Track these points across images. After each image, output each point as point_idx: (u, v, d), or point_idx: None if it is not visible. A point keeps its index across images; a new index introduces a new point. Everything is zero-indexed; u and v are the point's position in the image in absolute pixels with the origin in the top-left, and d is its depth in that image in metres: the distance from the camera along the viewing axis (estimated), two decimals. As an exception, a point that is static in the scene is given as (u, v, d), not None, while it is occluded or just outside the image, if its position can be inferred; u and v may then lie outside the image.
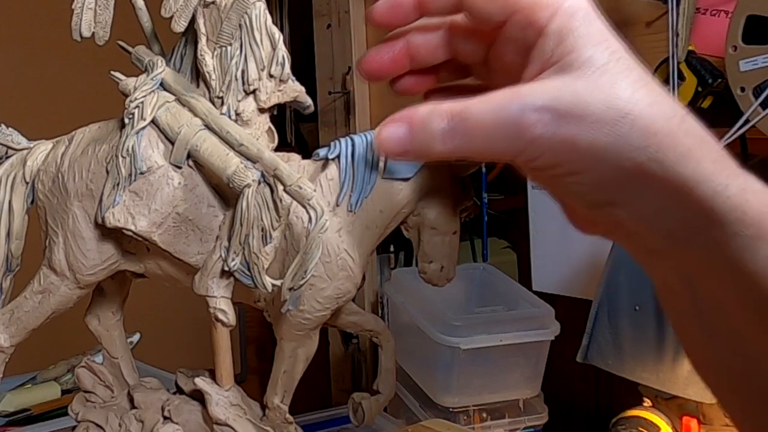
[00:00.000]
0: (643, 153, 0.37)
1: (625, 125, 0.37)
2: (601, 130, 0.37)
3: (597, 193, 0.39)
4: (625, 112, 0.37)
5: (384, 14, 0.45)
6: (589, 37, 0.39)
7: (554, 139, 0.38)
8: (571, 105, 0.38)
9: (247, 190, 0.52)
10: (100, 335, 0.69)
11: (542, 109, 0.38)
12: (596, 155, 0.38)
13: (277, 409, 0.61)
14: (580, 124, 0.38)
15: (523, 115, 0.38)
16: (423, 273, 0.58)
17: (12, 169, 0.62)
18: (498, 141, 0.39)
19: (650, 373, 1.16)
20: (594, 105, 0.38)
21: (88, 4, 0.57)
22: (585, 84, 0.38)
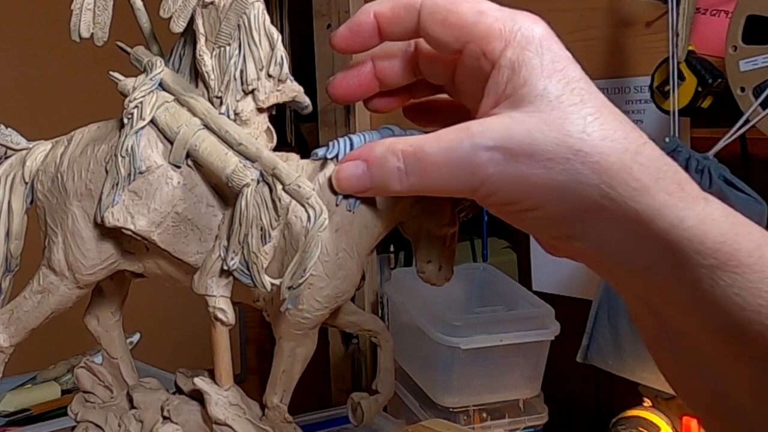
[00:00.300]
0: (595, 190, 0.37)
1: (576, 163, 0.37)
2: (552, 168, 0.37)
3: (555, 227, 0.39)
4: (576, 149, 0.37)
5: (344, 39, 0.45)
6: (542, 68, 0.39)
7: (507, 178, 0.38)
8: (522, 144, 0.38)
9: (246, 190, 0.52)
10: (100, 335, 0.69)
11: (493, 148, 0.38)
12: (550, 192, 0.38)
13: (277, 409, 0.61)
14: (532, 162, 0.38)
15: (475, 155, 0.38)
16: (421, 273, 0.58)
17: (11, 169, 0.62)
18: (452, 179, 0.39)
19: (650, 373, 1.17)
20: (545, 143, 0.37)
21: (87, 5, 0.57)
22: (536, 121, 0.38)
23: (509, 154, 0.38)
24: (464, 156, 0.38)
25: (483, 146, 0.38)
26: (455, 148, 0.39)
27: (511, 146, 0.38)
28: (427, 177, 0.40)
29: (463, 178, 0.39)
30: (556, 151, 0.37)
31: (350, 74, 0.48)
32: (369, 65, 0.48)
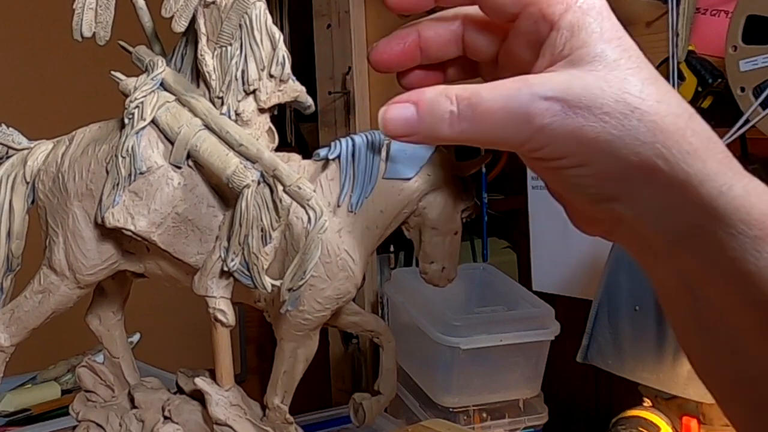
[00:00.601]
0: (649, 148, 0.37)
1: (633, 119, 0.37)
2: (609, 122, 0.37)
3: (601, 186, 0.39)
4: (634, 106, 0.37)
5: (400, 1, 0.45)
6: (602, 33, 0.39)
7: (562, 130, 0.38)
8: (580, 96, 0.38)
9: (247, 191, 0.52)
10: (101, 335, 0.69)
11: (552, 98, 0.38)
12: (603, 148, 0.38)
13: (278, 410, 0.61)
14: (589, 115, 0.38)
15: (533, 104, 0.38)
16: (424, 273, 0.58)
17: (12, 169, 0.62)
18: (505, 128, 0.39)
19: (650, 373, 1.17)
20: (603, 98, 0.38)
21: (89, 4, 0.57)
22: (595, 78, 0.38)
23: (567, 105, 0.38)
24: (521, 103, 0.38)
25: (541, 95, 0.38)
26: (513, 96, 0.39)
27: (570, 98, 0.38)
28: (480, 123, 0.40)
29: (516, 126, 0.39)
30: (614, 106, 0.37)
31: (394, 41, 0.48)
32: (414, 34, 0.47)
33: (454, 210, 0.56)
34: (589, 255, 1.41)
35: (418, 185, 0.57)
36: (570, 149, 0.39)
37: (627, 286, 1.20)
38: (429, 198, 0.57)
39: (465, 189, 0.58)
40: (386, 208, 0.56)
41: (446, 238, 0.57)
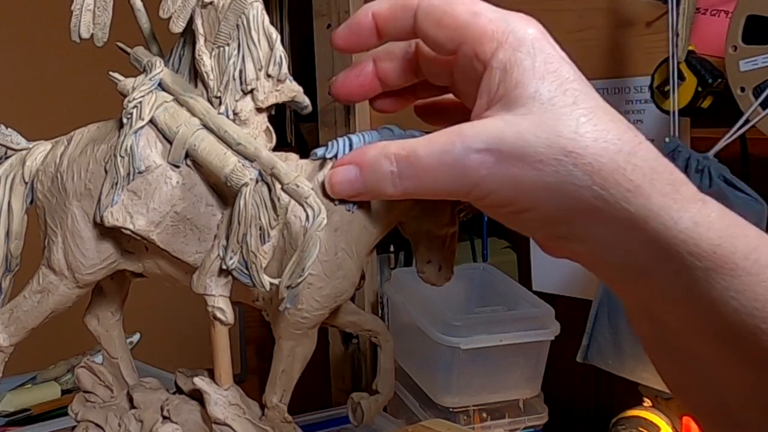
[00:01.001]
0: (587, 191, 0.37)
1: (568, 164, 0.37)
2: (543, 170, 0.37)
3: (549, 228, 0.39)
4: (567, 150, 0.37)
5: (344, 38, 0.46)
6: (534, 70, 0.39)
7: (499, 180, 0.38)
8: (513, 146, 0.38)
9: (245, 189, 0.52)
10: (100, 335, 0.69)
11: (484, 151, 0.38)
12: (542, 194, 0.38)
13: (276, 409, 0.61)
14: (523, 164, 0.37)
15: (467, 157, 0.38)
16: (421, 273, 0.58)
17: (11, 169, 0.62)
18: (445, 182, 0.39)
19: (650, 373, 1.17)
20: (536, 145, 0.37)
21: (87, 6, 0.57)
22: (528, 123, 0.38)
23: (500, 157, 0.38)
24: (456, 159, 0.38)
25: (474, 149, 0.38)
26: (447, 151, 0.39)
27: (503, 148, 0.38)
28: (420, 180, 0.40)
29: (455, 180, 0.39)
30: (547, 153, 0.37)
31: (352, 74, 0.48)
32: (370, 65, 0.48)
33: (450, 209, 0.56)
34: (589, 255, 1.41)
35: (416, 184, 0.57)
36: (511, 197, 0.39)
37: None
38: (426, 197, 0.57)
39: (462, 188, 0.58)
40: (383, 207, 0.56)
41: (443, 238, 0.57)
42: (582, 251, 0.39)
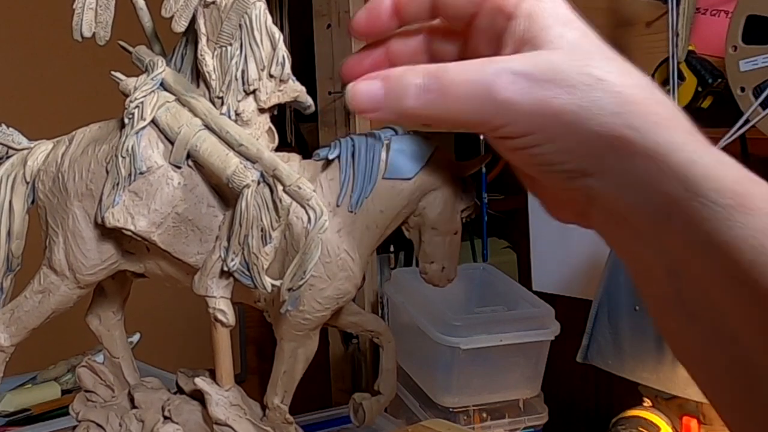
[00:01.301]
0: (617, 118, 0.37)
1: (598, 91, 0.38)
2: (575, 94, 0.38)
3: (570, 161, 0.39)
4: (598, 78, 0.38)
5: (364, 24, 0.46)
6: (558, 17, 0.40)
7: (526, 103, 0.38)
8: (544, 70, 0.38)
9: (247, 191, 0.52)
10: (101, 335, 0.69)
11: (516, 73, 0.38)
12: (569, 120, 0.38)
13: (277, 410, 0.61)
14: (554, 88, 0.38)
15: (498, 77, 0.38)
16: (424, 273, 0.58)
17: (12, 169, 0.62)
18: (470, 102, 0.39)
19: (650, 373, 1.17)
20: (568, 71, 0.38)
21: (89, 4, 0.57)
22: (559, 55, 0.39)
23: (532, 79, 0.38)
24: (486, 76, 0.39)
25: (508, 69, 0.38)
26: (479, 69, 0.39)
27: (534, 73, 0.38)
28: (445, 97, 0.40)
29: (481, 101, 0.39)
30: (579, 78, 0.38)
31: (362, 58, 0.48)
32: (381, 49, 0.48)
33: (453, 210, 0.56)
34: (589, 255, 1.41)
35: (418, 185, 0.57)
36: (536, 124, 0.39)
37: (627, 286, 1.20)
38: (429, 198, 0.57)
39: (465, 189, 0.58)
40: (386, 208, 0.55)
41: (446, 238, 0.57)
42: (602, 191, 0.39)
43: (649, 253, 0.40)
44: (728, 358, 0.39)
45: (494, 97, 0.38)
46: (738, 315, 0.38)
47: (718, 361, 0.40)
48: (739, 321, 0.38)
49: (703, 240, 0.37)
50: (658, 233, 0.39)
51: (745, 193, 0.37)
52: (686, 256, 0.38)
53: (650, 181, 0.38)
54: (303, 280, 0.51)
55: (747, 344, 0.38)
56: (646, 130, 0.37)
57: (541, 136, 0.39)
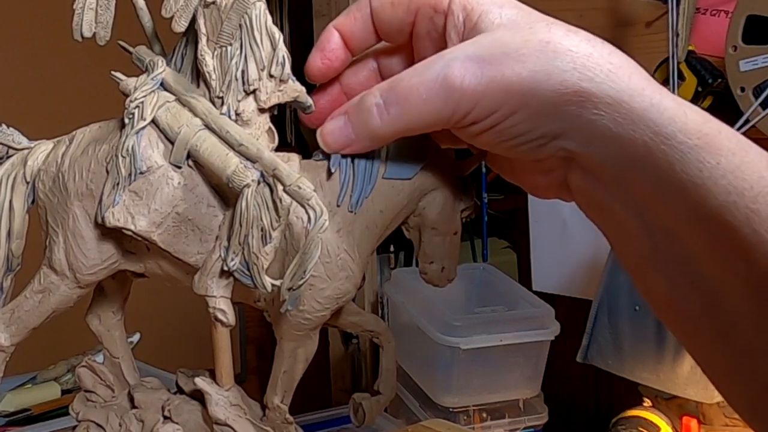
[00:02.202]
0: (572, 74, 0.38)
1: (548, 53, 0.38)
2: (527, 61, 0.38)
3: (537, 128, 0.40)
4: (545, 41, 0.38)
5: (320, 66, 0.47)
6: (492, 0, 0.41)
7: (483, 84, 0.39)
8: (491, 49, 0.39)
9: (247, 190, 0.52)
10: (101, 335, 0.69)
11: (465, 59, 0.39)
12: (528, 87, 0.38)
13: (277, 409, 0.61)
14: (505, 61, 0.38)
15: (449, 70, 0.39)
16: (424, 273, 0.58)
17: (13, 168, 0.62)
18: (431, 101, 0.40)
19: (650, 373, 1.17)
20: (514, 43, 0.39)
21: (90, 5, 0.57)
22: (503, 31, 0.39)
23: (482, 61, 0.39)
24: (439, 72, 0.39)
25: (456, 59, 0.39)
26: (429, 68, 0.40)
27: (482, 54, 0.39)
28: (406, 103, 0.41)
29: (441, 96, 0.40)
30: (526, 47, 0.39)
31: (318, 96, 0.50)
32: (335, 85, 0.49)
33: (453, 210, 0.56)
34: (589, 255, 1.42)
35: (418, 185, 0.57)
36: (498, 100, 0.39)
37: (627, 286, 1.20)
38: (428, 198, 0.57)
39: (465, 189, 0.58)
40: (386, 208, 0.55)
41: (446, 238, 0.57)
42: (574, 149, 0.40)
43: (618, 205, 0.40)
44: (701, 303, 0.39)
45: (451, 87, 0.39)
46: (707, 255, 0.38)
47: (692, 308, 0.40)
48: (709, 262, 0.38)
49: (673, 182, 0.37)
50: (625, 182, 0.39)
51: (711, 133, 0.37)
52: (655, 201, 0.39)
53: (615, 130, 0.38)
54: (303, 279, 0.51)
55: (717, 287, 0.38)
56: (602, 79, 0.38)
57: (506, 109, 0.39)
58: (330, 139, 0.45)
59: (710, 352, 0.41)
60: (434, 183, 0.58)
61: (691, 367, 1.10)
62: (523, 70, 0.38)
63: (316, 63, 0.47)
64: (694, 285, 0.39)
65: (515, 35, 0.39)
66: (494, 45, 0.39)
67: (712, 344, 0.40)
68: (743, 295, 0.37)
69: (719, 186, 0.36)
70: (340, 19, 0.46)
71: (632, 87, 0.37)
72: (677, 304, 0.40)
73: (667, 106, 0.37)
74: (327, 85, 0.49)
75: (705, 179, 0.36)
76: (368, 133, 0.43)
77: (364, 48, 0.47)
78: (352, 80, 0.48)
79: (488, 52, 0.39)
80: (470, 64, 0.39)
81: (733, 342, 0.38)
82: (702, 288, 0.38)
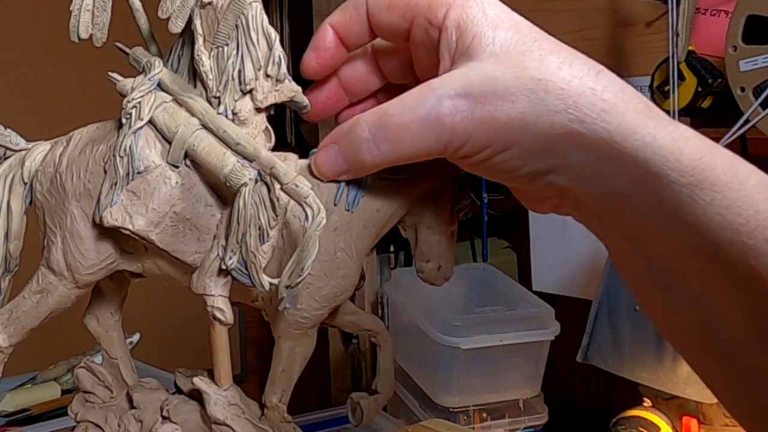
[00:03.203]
0: (563, 115, 0.37)
1: (539, 91, 0.38)
2: (516, 102, 0.38)
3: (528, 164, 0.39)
4: (536, 79, 0.38)
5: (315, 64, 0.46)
6: (488, 20, 0.40)
7: (474, 123, 0.38)
8: (482, 86, 0.38)
9: (244, 189, 0.52)
10: (99, 336, 0.69)
11: (456, 96, 0.38)
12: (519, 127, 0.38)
13: (276, 409, 0.61)
14: (496, 100, 0.38)
15: (440, 107, 0.39)
16: (420, 272, 0.58)
17: (10, 169, 0.62)
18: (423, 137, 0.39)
19: (650, 373, 1.17)
20: (505, 80, 0.38)
21: (86, 6, 0.57)
22: (493, 63, 0.39)
23: (472, 99, 0.38)
24: (430, 110, 0.39)
25: (446, 96, 0.39)
26: (420, 104, 0.39)
27: (473, 91, 0.38)
28: (396, 142, 0.40)
29: (431, 134, 0.39)
30: (517, 85, 0.38)
31: (317, 91, 0.49)
32: (333, 79, 0.49)
33: (450, 208, 0.56)
34: (589, 255, 1.42)
35: (414, 184, 0.57)
36: (489, 138, 0.39)
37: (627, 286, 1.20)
38: (425, 196, 0.57)
39: (461, 187, 0.58)
40: (383, 206, 0.56)
41: (442, 237, 0.57)
42: (567, 185, 0.39)
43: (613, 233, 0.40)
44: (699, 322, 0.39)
45: (442, 126, 0.39)
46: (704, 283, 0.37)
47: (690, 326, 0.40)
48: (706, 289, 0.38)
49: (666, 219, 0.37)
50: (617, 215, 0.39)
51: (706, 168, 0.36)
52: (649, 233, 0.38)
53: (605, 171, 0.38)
54: (301, 277, 0.51)
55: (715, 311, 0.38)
56: (593, 120, 0.37)
57: (496, 147, 0.39)
58: (324, 169, 0.45)
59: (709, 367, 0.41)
60: (430, 181, 0.58)
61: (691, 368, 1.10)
62: (513, 111, 0.37)
63: (311, 60, 0.47)
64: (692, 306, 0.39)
65: (506, 71, 0.38)
66: (484, 82, 0.38)
67: (711, 360, 0.40)
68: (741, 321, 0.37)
69: (714, 223, 0.35)
70: (336, 16, 0.46)
71: (624, 126, 0.37)
72: (675, 320, 0.40)
73: (660, 143, 0.36)
74: (325, 80, 0.49)
75: (699, 216, 0.35)
76: (359, 167, 0.43)
77: (359, 45, 0.47)
78: (350, 75, 0.48)
79: (478, 89, 0.38)
80: (460, 102, 0.38)
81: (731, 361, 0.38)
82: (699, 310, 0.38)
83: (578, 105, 0.37)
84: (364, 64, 0.48)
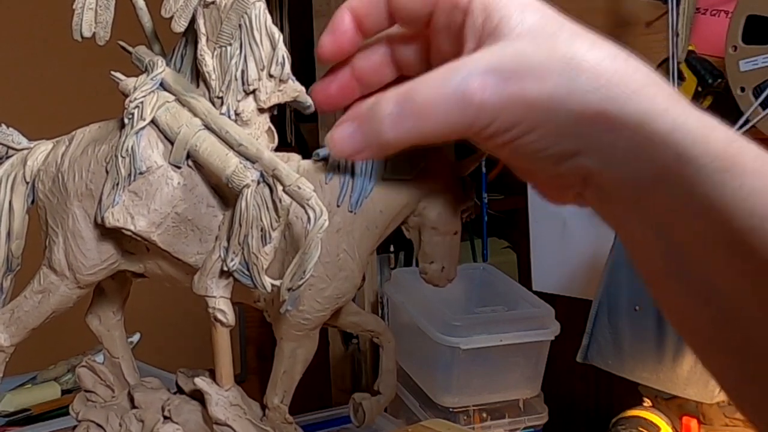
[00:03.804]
0: (594, 94, 0.37)
1: (570, 71, 0.37)
2: (548, 79, 0.37)
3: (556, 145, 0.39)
4: (568, 58, 0.37)
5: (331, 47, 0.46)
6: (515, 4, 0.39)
7: (503, 100, 0.38)
8: (513, 63, 0.38)
9: (246, 190, 0.52)
10: (101, 335, 0.69)
11: (485, 72, 0.38)
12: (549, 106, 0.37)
13: (277, 409, 0.61)
14: (526, 78, 0.37)
15: (468, 83, 0.38)
16: (424, 273, 0.58)
17: (12, 169, 0.62)
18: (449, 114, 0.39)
19: (650, 373, 1.17)
20: (537, 59, 0.38)
21: (89, 5, 0.57)
22: (523, 43, 0.38)
23: (502, 76, 0.38)
24: (457, 85, 0.38)
25: (475, 73, 0.38)
26: (447, 80, 0.39)
27: (502, 67, 0.38)
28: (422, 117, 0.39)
29: (458, 110, 0.39)
30: (549, 64, 0.37)
31: (328, 80, 0.48)
32: (347, 69, 0.48)
33: (453, 210, 0.56)
34: (589, 255, 1.41)
35: (418, 185, 0.57)
36: (517, 116, 0.38)
37: (627, 286, 1.20)
38: (429, 198, 0.57)
39: (465, 189, 0.58)
40: (386, 208, 0.55)
41: (446, 238, 0.57)
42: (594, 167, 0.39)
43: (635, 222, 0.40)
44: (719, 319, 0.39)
45: (469, 102, 0.38)
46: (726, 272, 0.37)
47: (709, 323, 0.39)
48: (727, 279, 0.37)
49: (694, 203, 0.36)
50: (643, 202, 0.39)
51: (735, 153, 0.36)
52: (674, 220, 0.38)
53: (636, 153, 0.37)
54: (303, 279, 0.51)
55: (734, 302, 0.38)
56: (624, 101, 0.37)
57: (526, 125, 0.38)
58: (339, 147, 0.44)
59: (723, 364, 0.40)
60: (434, 183, 0.58)
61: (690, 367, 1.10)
62: (545, 87, 0.37)
63: (327, 44, 0.46)
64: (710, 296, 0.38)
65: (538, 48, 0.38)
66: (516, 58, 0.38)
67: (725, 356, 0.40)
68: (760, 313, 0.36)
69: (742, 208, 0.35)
70: (354, 1, 0.45)
71: (656, 108, 0.36)
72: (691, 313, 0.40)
73: (690, 127, 0.36)
74: (338, 69, 0.48)
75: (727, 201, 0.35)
76: (380, 144, 0.42)
77: (376, 31, 0.46)
78: (364, 65, 0.48)
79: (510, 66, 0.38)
80: (490, 78, 0.38)
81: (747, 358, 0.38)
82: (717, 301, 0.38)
83: (609, 85, 0.36)
84: (379, 54, 0.47)
